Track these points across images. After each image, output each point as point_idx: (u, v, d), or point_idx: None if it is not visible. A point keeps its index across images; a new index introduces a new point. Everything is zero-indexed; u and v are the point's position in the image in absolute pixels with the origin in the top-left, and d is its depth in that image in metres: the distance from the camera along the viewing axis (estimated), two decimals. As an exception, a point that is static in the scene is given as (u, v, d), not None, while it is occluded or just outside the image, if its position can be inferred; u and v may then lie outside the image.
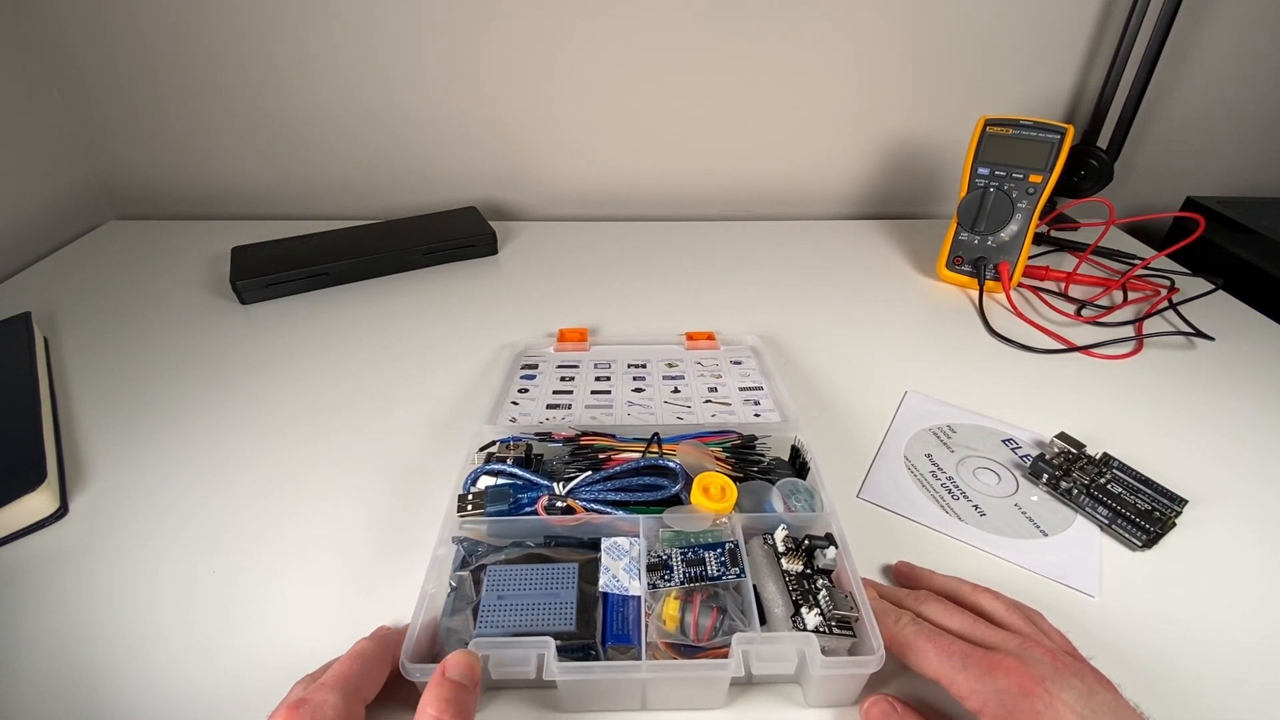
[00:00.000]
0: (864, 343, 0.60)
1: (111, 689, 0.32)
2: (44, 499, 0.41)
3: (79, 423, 0.50)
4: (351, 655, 0.30)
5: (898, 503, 0.44)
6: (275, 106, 0.80)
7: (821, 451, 0.41)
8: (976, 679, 0.27)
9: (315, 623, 0.35)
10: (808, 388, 0.46)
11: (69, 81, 0.77)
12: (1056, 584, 0.38)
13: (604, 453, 0.41)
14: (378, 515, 0.42)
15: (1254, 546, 0.41)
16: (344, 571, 0.38)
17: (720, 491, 0.36)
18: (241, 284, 0.64)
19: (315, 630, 0.35)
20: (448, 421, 0.49)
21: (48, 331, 0.60)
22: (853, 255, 0.77)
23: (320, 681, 0.28)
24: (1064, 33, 0.79)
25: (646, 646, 0.30)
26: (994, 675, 0.27)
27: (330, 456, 0.47)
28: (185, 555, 0.39)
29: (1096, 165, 0.80)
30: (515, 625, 0.31)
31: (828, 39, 0.78)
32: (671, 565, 0.33)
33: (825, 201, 0.90)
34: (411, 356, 0.57)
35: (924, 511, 0.43)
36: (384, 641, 0.31)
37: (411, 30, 0.76)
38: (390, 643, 0.31)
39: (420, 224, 0.77)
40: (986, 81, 0.82)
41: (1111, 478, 0.43)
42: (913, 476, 0.46)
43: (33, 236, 0.75)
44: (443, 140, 0.83)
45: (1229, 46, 0.80)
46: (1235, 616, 0.37)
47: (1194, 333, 0.60)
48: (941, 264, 0.70)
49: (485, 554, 0.35)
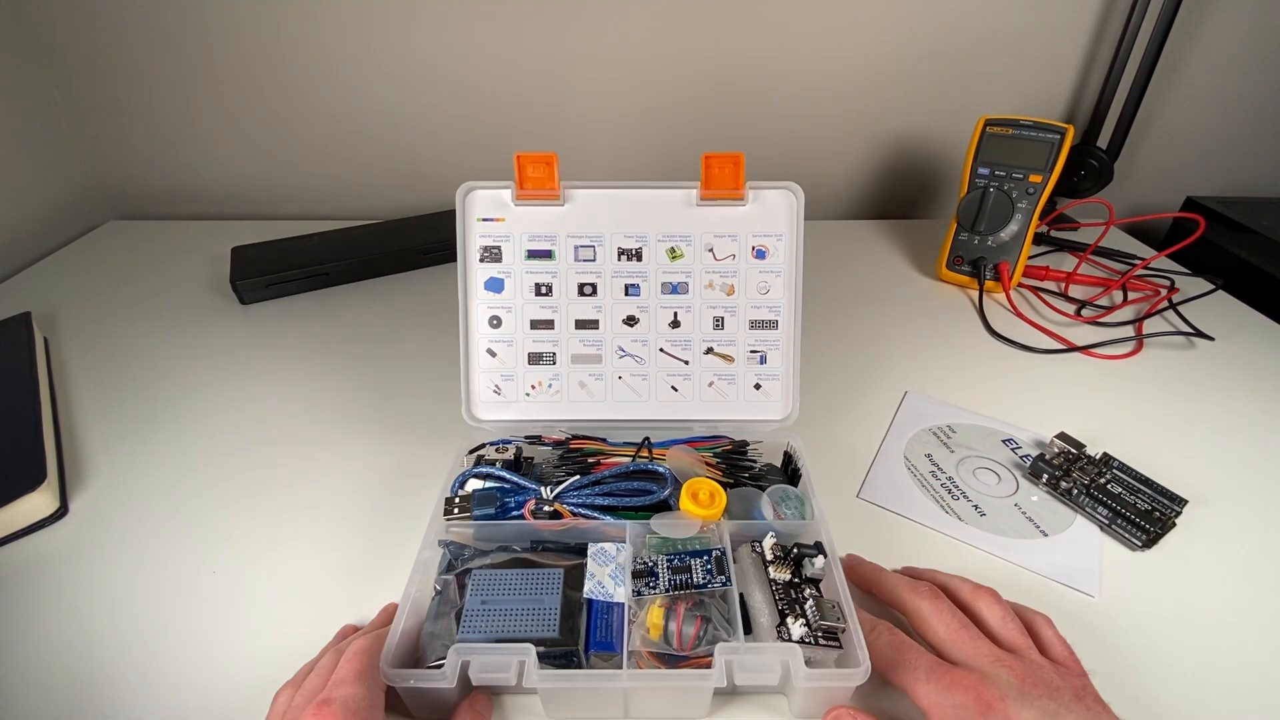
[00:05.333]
0: (864, 343, 0.60)
1: (111, 689, 0.32)
2: (44, 499, 0.41)
3: (79, 423, 0.50)
4: (358, 652, 0.30)
5: (898, 503, 0.43)
6: (275, 107, 0.80)
7: (821, 451, 0.41)
8: (937, 693, 0.28)
9: (315, 622, 0.35)
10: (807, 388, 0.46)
11: (69, 82, 0.77)
12: (1056, 584, 0.38)
13: (594, 456, 0.41)
14: (377, 516, 0.42)
15: (1254, 546, 0.41)
16: (344, 571, 0.38)
17: (709, 497, 0.36)
18: (241, 284, 0.64)
19: (316, 630, 0.35)
20: (448, 422, 0.49)
21: (48, 331, 0.60)
22: (853, 255, 0.77)
23: (339, 678, 0.28)
24: (1064, 33, 0.79)
25: (629, 655, 0.30)
26: (953, 691, 0.27)
27: (329, 456, 0.47)
28: (185, 555, 0.39)
29: (1096, 165, 0.80)
30: (498, 631, 0.31)
31: (828, 39, 0.78)
32: (657, 572, 0.33)
33: (825, 201, 0.90)
34: (410, 357, 0.57)
35: (924, 511, 0.43)
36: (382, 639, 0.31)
37: (412, 30, 0.76)
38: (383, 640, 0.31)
39: (420, 224, 0.77)
40: (986, 81, 0.82)
41: (1111, 478, 0.43)
42: (913, 476, 0.46)
43: (33, 236, 0.75)
44: (442, 140, 0.83)
45: (1229, 47, 0.80)
46: (1235, 616, 0.37)
47: (1194, 333, 0.60)
48: (941, 264, 0.70)
49: (471, 558, 0.35)
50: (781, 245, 0.42)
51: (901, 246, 0.79)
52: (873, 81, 0.81)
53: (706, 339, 0.43)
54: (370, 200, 0.86)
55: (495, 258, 0.42)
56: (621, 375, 0.44)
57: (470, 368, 0.43)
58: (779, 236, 0.42)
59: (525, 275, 0.42)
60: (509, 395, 0.43)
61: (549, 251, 0.42)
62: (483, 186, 0.42)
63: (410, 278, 0.71)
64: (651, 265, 0.43)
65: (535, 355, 0.43)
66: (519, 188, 0.41)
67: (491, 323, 0.43)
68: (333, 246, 0.71)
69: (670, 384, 0.44)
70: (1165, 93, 0.83)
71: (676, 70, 0.79)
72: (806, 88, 0.81)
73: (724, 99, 0.82)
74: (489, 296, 0.43)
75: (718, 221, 0.42)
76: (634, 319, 0.43)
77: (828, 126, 0.84)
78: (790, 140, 0.85)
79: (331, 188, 0.86)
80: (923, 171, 0.89)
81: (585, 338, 0.43)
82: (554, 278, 0.43)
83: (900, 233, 0.82)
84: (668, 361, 0.44)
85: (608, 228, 0.42)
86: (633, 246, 0.42)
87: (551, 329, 0.43)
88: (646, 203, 0.42)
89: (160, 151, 0.82)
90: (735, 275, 0.43)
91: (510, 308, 0.43)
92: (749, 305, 0.43)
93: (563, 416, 0.44)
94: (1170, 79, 0.82)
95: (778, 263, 0.42)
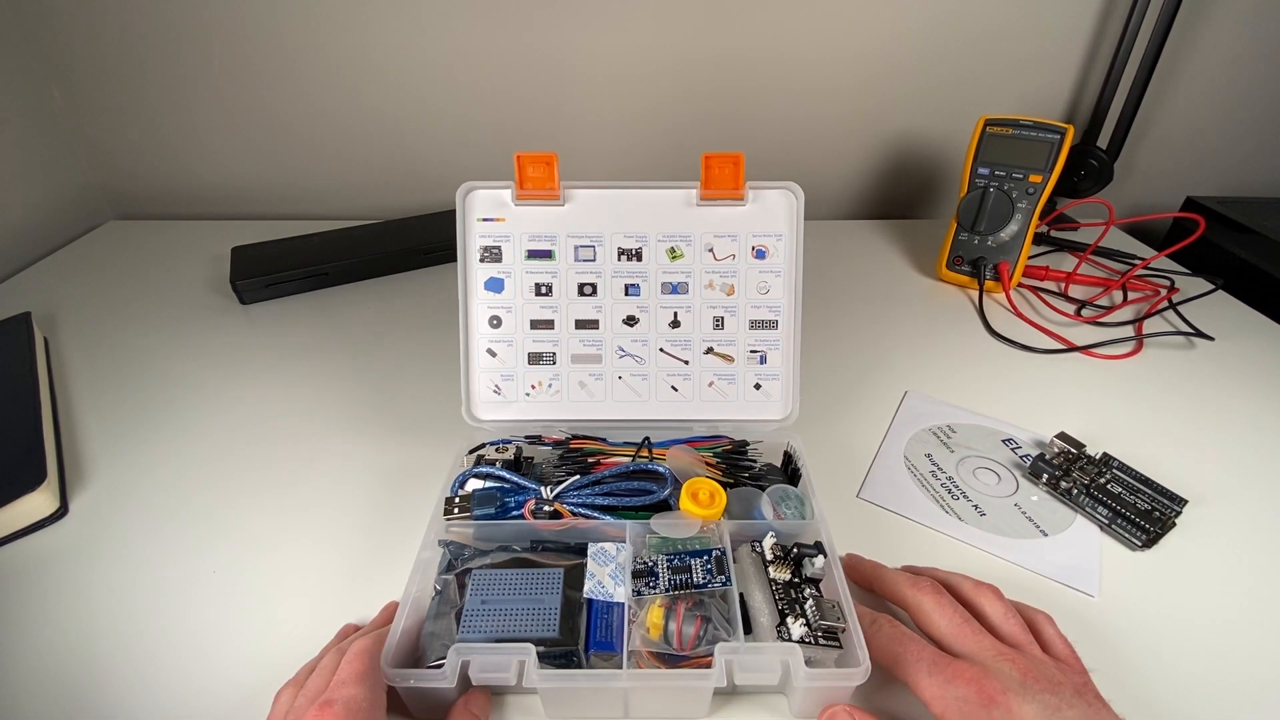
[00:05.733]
0: (864, 343, 0.60)
1: (111, 689, 0.32)
2: (44, 499, 0.41)
3: (79, 423, 0.50)
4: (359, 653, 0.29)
5: (898, 503, 0.43)
6: (275, 107, 0.80)
7: (821, 451, 0.41)
8: (939, 685, 0.28)
9: (315, 622, 0.35)
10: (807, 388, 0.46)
11: (69, 81, 0.77)
12: (1056, 584, 0.38)
13: (594, 456, 0.41)
14: (377, 515, 0.42)
15: (1253, 546, 0.41)
16: (344, 571, 0.38)
17: (709, 497, 0.36)
18: (241, 284, 0.64)
19: (315, 630, 0.35)
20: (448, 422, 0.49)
21: (48, 331, 0.60)
22: (853, 255, 0.77)
23: (341, 679, 0.28)
24: (1064, 33, 0.79)
25: (629, 654, 0.30)
26: (955, 683, 0.27)
27: (329, 456, 0.47)
28: (185, 555, 0.39)
29: (1096, 165, 0.80)
30: (498, 631, 0.31)
31: (828, 39, 0.78)
32: (657, 572, 0.33)
33: (825, 201, 0.90)
34: (410, 357, 0.57)
35: (924, 511, 0.43)
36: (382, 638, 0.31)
37: (412, 30, 0.76)
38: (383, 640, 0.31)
39: (420, 224, 0.77)
40: (986, 81, 0.82)
41: (1111, 478, 0.43)
42: (912, 476, 0.46)
43: (33, 236, 0.75)
44: (442, 140, 0.83)
45: (1228, 47, 0.80)
46: (1235, 616, 0.37)
47: (1194, 333, 0.60)
48: (941, 264, 0.70)
49: (471, 558, 0.35)
50: (781, 245, 0.42)
51: (901, 246, 0.79)
52: (873, 81, 0.81)
53: (706, 339, 0.43)
54: (370, 200, 0.86)
55: (495, 258, 0.42)
56: (621, 375, 0.44)
57: (470, 368, 0.43)
58: (779, 236, 0.42)
59: (525, 275, 0.42)
60: (509, 395, 0.43)
61: (549, 251, 0.42)
62: (483, 186, 0.42)
63: (410, 278, 0.71)
64: (651, 265, 0.43)
65: (535, 355, 0.43)
66: (519, 188, 0.41)
67: (491, 323, 0.43)
68: (333, 246, 0.71)
69: (670, 384, 0.44)
70: (1165, 93, 0.83)
71: (677, 70, 0.79)
72: (806, 87, 0.81)
73: (724, 99, 0.82)
74: (489, 296, 0.43)
75: (718, 221, 0.42)
76: (634, 319, 0.43)
77: (828, 126, 0.84)
78: (790, 140, 0.85)
79: (331, 188, 0.86)
80: (923, 171, 0.89)
81: (585, 338, 0.43)
82: (554, 278, 0.42)
83: (900, 233, 0.82)
84: (668, 361, 0.43)
85: (608, 228, 0.42)
86: (633, 246, 0.42)
87: (551, 329, 0.43)
88: (646, 203, 0.42)
89: (160, 151, 0.82)
90: (735, 275, 0.43)
91: (510, 308, 0.43)
92: (749, 305, 0.43)
93: (563, 416, 0.44)
94: (1170, 79, 0.82)
95: (778, 263, 0.42)
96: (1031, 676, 0.27)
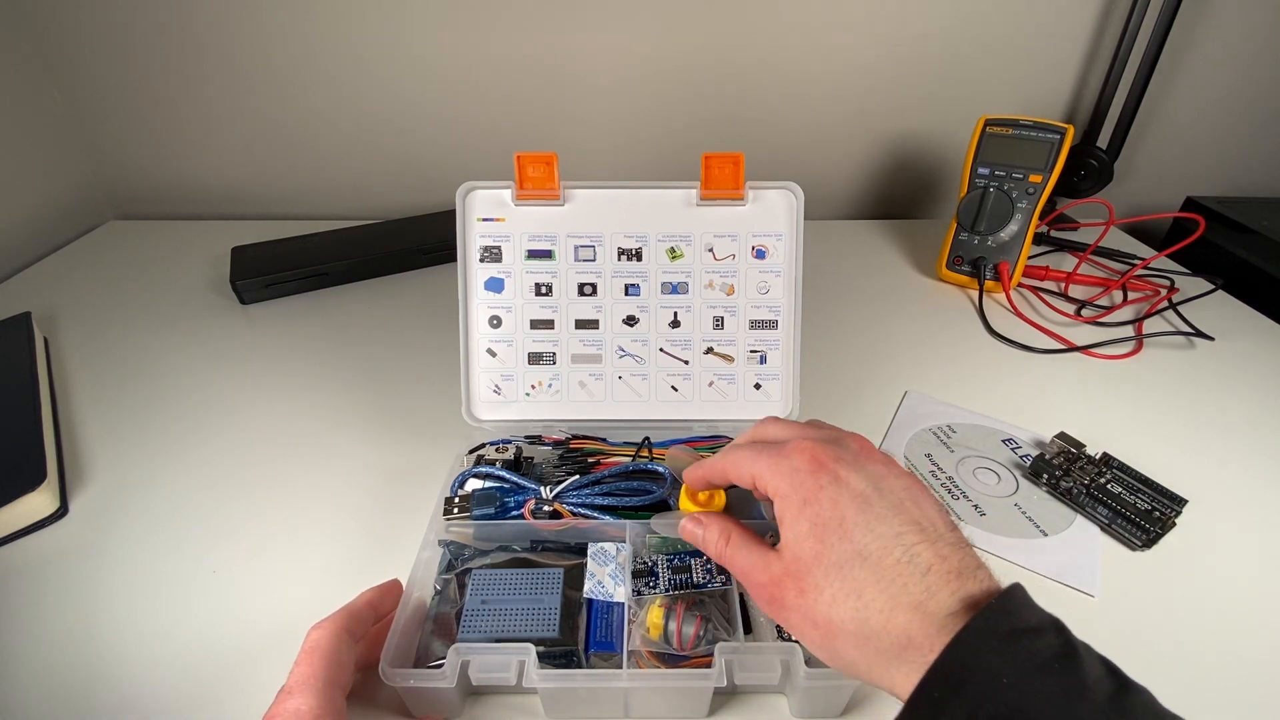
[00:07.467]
0: (864, 343, 0.60)
1: (111, 689, 0.32)
2: (44, 499, 0.41)
3: (79, 423, 0.50)
4: (309, 651, 0.28)
5: (898, 503, 0.43)
6: (275, 107, 0.80)
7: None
8: (773, 462, 0.27)
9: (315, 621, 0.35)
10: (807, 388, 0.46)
11: (69, 81, 0.77)
12: (1057, 583, 0.38)
13: (593, 456, 0.41)
14: (377, 515, 0.42)
15: (1253, 546, 0.41)
16: (344, 570, 0.38)
17: (708, 497, 0.35)
18: (241, 284, 0.64)
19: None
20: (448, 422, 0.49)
21: (48, 331, 0.60)
22: (853, 255, 0.77)
23: (285, 689, 0.27)
24: (1064, 33, 0.79)
25: (629, 654, 0.30)
26: (788, 455, 0.27)
27: (329, 456, 0.47)
28: (185, 555, 0.39)
29: (1096, 165, 0.80)
30: (498, 631, 0.31)
31: (828, 39, 0.78)
32: (657, 572, 0.33)
33: (825, 201, 0.90)
34: (410, 357, 0.57)
35: (924, 511, 0.43)
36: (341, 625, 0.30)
37: (412, 31, 0.76)
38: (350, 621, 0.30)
39: (420, 224, 0.77)
40: (986, 81, 0.82)
41: (1111, 477, 0.43)
42: (913, 476, 0.46)
43: (33, 236, 0.75)
44: (442, 140, 0.83)
45: (1228, 47, 0.80)
46: (1235, 616, 0.37)
47: (1194, 333, 0.60)
48: (941, 264, 0.70)
49: (471, 558, 0.35)
50: (781, 245, 0.42)
51: (901, 246, 0.79)
52: (873, 81, 0.81)
53: (706, 339, 0.43)
54: (370, 200, 0.86)
55: (495, 258, 0.42)
56: (621, 375, 0.44)
57: (470, 367, 0.43)
58: (779, 236, 0.42)
59: (525, 275, 0.42)
60: (509, 395, 0.43)
61: (549, 251, 0.42)
62: (483, 186, 0.42)
63: (410, 278, 0.71)
64: (651, 265, 0.43)
65: (535, 355, 0.43)
66: (519, 188, 0.41)
67: (491, 323, 0.43)
68: (333, 246, 0.71)
69: (670, 384, 0.44)
70: (1165, 93, 0.83)
71: (677, 70, 0.79)
72: (806, 87, 0.81)
73: (724, 99, 0.82)
74: (489, 296, 0.43)
75: (717, 221, 0.42)
76: (634, 319, 0.43)
77: (828, 126, 0.84)
78: (790, 140, 0.85)
79: (331, 188, 0.86)
80: (923, 171, 0.89)
81: (585, 338, 0.43)
82: (554, 278, 0.43)
83: (900, 233, 0.82)
84: (668, 361, 0.43)
85: (608, 228, 0.42)
86: (633, 246, 0.42)
87: (551, 329, 0.43)
88: (646, 203, 0.42)
89: (160, 152, 0.82)
90: (735, 275, 0.43)
91: (510, 308, 0.43)
92: (749, 305, 0.43)
93: (563, 416, 0.44)
94: (1170, 79, 0.82)
95: (778, 263, 0.42)
96: (864, 455, 0.28)
